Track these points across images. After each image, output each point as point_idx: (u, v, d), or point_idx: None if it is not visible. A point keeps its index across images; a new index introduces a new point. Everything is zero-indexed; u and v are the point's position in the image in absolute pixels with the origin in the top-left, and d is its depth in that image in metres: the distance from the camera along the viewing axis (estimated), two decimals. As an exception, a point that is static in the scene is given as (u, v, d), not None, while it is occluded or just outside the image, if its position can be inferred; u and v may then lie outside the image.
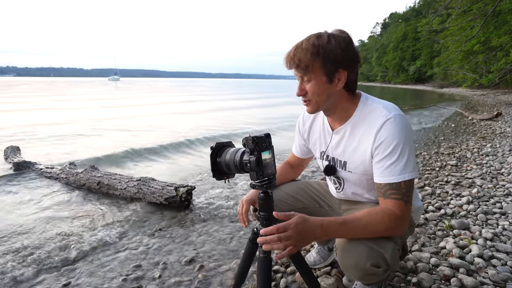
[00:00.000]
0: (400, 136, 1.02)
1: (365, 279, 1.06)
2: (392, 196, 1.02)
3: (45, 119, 9.06)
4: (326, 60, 1.02)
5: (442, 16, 16.76)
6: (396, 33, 62.87)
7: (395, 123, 1.03)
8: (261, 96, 23.83)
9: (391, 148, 1.02)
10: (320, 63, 1.03)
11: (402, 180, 1.01)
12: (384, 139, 1.03)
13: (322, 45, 1.01)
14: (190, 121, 9.22)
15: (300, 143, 1.42)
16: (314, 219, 0.98)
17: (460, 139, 5.68)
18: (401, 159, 1.01)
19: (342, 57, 1.02)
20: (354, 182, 1.23)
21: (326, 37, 1.03)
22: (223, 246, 2.06)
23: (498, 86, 20.95)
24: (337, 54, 1.02)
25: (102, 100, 18.95)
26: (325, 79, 1.05)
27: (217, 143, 1.09)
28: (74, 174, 3.40)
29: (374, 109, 1.09)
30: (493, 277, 1.53)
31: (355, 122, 1.13)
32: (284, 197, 1.41)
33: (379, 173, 1.06)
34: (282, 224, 0.94)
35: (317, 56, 1.02)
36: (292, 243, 0.93)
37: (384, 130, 1.04)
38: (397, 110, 1.08)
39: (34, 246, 2.09)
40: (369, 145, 1.08)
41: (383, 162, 1.04)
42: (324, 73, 1.04)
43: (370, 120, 1.08)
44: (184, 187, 2.71)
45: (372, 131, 1.06)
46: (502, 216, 2.27)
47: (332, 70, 1.04)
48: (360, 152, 1.12)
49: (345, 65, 1.04)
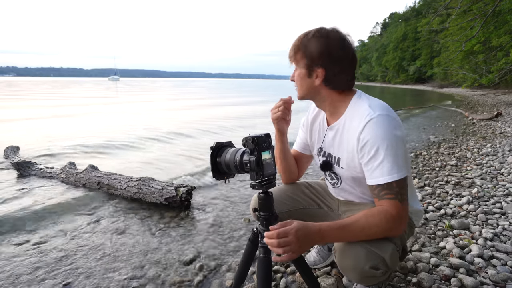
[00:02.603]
0: (383, 136, 1.01)
1: (364, 281, 1.06)
2: (386, 197, 1.02)
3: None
4: (305, 56, 1.11)
5: (442, 16, 16.75)
6: (396, 33, 62.88)
7: (377, 123, 1.03)
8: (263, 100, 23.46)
9: (375, 149, 1.02)
10: (300, 57, 1.13)
11: (392, 180, 1.01)
12: (367, 140, 1.03)
13: (303, 41, 1.11)
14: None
15: (302, 138, 1.43)
16: (312, 224, 0.99)
17: (460, 139, 5.68)
18: (387, 158, 1.01)
19: (318, 56, 1.09)
20: (348, 178, 1.23)
21: (312, 35, 1.10)
22: (223, 246, 2.06)
23: (498, 86, 20.96)
24: (313, 52, 1.09)
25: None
26: (305, 72, 1.14)
27: (217, 143, 1.09)
28: (74, 174, 3.40)
29: (361, 107, 1.10)
30: (493, 277, 1.53)
31: (346, 119, 1.15)
32: (284, 198, 1.40)
33: (368, 175, 1.06)
34: (282, 230, 0.95)
35: (298, 50, 1.13)
36: (292, 249, 0.95)
37: (366, 130, 1.04)
38: (383, 109, 1.06)
39: (34, 245, 2.09)
40: (355, 146, 1.09)
41: (371, 164, 1.04)
42: (304, 67, 1.13)
43: (356, 120, 1.09)
44: (184, 187, 2.71)
45: (356, 131, 1.07)
46: (502, 216, 2.27)
47: (310, 65, 1.11)
48: (349, 151, 1.13)
49: (322, 63, 1.09)
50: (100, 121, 9.30)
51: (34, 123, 8.51)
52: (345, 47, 1.09)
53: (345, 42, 1.09)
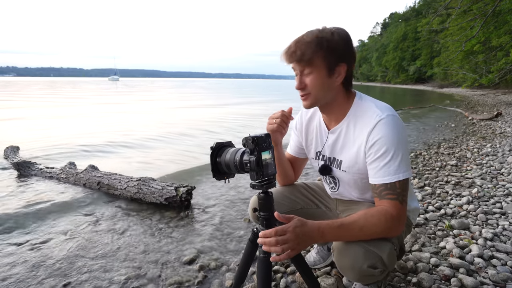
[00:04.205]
0: (392, 137, 1.02)
1: (362, 280, 1.07)
2: (387, 197, 1.02)
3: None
4: (329, 53, 1.04)
5: (442, 16, 16.75)
6: (396, 33, 62.88)
7: (387, 124, 1.03)
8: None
9: (384, 149, 1.02)
10: (322, 56, 1.04)
11: (396, 180, 1.01)
12: (377, 140, 1.04)
13: (326, 37, 1.04)
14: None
15: (295, 142, 1.41)
16: (311, 222, 0.99)
17: (460, 139, 5.68)
18: (395, 159, 1.02)
19: (344, 51, 1.05)
20: (348, 182, 1.23)
21: (329, 30, 1.05)
22: (223, 246, 2.06)
23: (498, 86, 20.96)
24: (340, 47, 1.04)
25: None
26: (325, 73, 1.06)
27: (217, 143, 1.09)
28: (74, 174, 3.40)
29: (368, 108, 1.10)
30: (493, 277, 1.53)
31: (349, 121, 1.14)
32: (282, 199, 1.41)
33: (373, 174, 1.07)
34: (280, 228, 0.95)
35: (321, 48, 1.03)
36: (290, 247, 0.94)
37: (377, 130, 1.04)
38: (390, 110, 1.08)
39: (34, 245, 2.09)
40: (362, 145, 1.08)
41: (377, 163, 1.04)
42: (326, 66, 1.05)
43: (363, 120, 1.09)
44: (184, 187, 2.71)
45: (365, 131, 1.07)
46: (502, 216, 2.27)
47: (334, 62, 1.05)
48: (354, 152, 1.13)
49: (347, 59, 1.06)
50: (100, 121, 9.31)
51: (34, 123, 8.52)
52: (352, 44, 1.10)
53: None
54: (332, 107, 1.16)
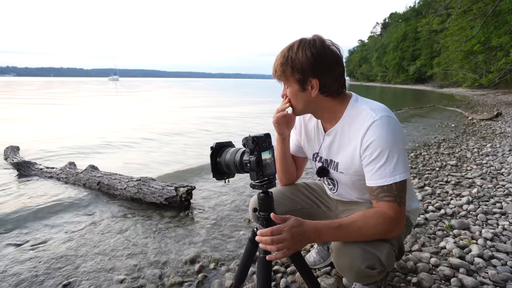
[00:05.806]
0: (387, 138, 1.01)
1: (360, 280, 1.07)
2: (385, 199, 1.02)
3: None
4: (295, 70, 1.07)
5: (442, 16, 16.76)
6: (396, 33, 62.91)
7: (381, 125, 1.02)
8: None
9: (379, 151, 1.02)
10: (290, 73, 1.08)
11: (393, 182, 1.01)
12: (371, 142, 1.03)
13: (290, 56, 1.07)
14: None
15: (295, 141, 1.42)
16: (309, 222, 0.99)
17: (460, 139, 5.68)
18: (390, 161, 1.01)
19: (309, 67, 1.05)
20: (346, 183, 1.23)
21: (296, 47, 1.07)
22: (223, 246, 2.06)
23: (498, 86, 20.97)
24: (303, 64, 1.05)
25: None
26: (297, 87, 1.10)
27: (217, 143, 1.09)
28: (74, 174, 3.40)
29: (362, 110, 1.09)
30: (493, 277, 1.53)
31: (344, 123, 1.14)
32: (282, 198, 1.41)
33: (369, 176, 1.06)
34: (276, 227, 0.95)
35: (287, 66, 1.08)
36: (286, 246, 0.94)
37: (371, 132, 1.03)
38: (385, 111, 1.06)
39: (34, 245, 2.09)
40: (357, 147, 1.08)
41: (372, 165, 1.04)
42: (296, 82, 1.09)
43: (357, 122, 1.08)
44: (184, 187, 2.71)
45: (359, 133, 1.06)
46: (502, 216, 2.27)
47: (302, 79, 1.07)
48: (349, 154, 1.12)
49: (314, 73, 1.06)
50: (100, 121, 9.31)
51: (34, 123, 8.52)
52: (331, 50, 1.07)
53: (329, 46, 1.07)
54: (323, 112, 1.17)
